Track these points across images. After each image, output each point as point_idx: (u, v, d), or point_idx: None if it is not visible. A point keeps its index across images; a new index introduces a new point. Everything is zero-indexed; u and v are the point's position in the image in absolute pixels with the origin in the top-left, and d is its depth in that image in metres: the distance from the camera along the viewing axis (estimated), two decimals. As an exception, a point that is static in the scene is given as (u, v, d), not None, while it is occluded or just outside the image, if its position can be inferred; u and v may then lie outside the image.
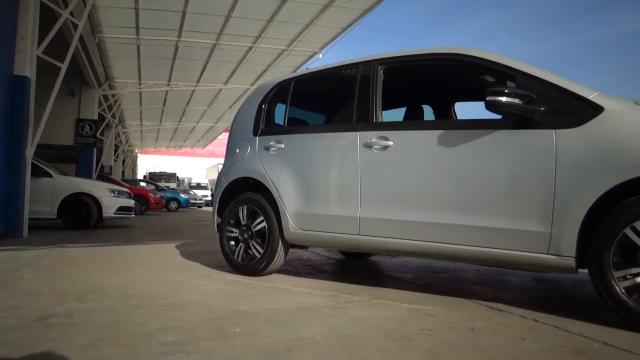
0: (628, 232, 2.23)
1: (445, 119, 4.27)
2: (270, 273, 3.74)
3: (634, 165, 2.23)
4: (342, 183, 3.31)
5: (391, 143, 3.07)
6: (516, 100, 2.53)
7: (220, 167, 4.49)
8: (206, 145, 38.42)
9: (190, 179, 36.61)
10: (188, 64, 15.34)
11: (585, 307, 2.85)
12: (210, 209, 5.83)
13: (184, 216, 15.97)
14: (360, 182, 3.18)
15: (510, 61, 2.77)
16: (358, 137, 3.23)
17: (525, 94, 2.55)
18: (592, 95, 2.46)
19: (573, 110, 2.48)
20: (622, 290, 2.24)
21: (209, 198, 28.48)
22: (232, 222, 3.89)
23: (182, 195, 22.71)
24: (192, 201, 24.97)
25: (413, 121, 3.94)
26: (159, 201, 16.73)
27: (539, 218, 2.48)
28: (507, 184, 2.62)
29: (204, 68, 15.85)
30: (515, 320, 2.44)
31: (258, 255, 3.66)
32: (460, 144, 2.80)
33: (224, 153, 4.39)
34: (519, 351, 1.96)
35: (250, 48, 13.98)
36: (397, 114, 4.34)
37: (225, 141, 4.56)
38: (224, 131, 29.26)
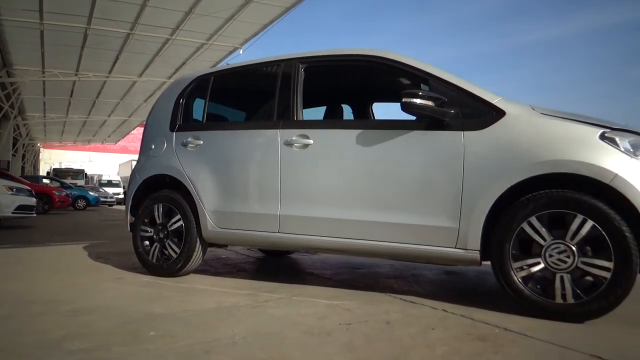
0: (525, 226, 2.45)
1: (364, 119, 4.40)
2: (187, 273, 3.63)
3: (531, 165, 2.45)
4: (262, 181, 3.30)
5: (311, 141, 3.11)
6: (429, 103, 2.67)
7: (134, 163, 4.28)
8: (118, 141, 36.45)
9: (100, 175, 34.36)
10: (99, 53, 14.44)
11: (488, 296, 3.08)
12: (122, 207, 5.53)
13: (93, 215, 15.01)
14: (280, 180, 3.18)
15: (425, 65, 2.92)
16: (279, 135, 3.23)
17: (437, 97, 2.70)
18: (495, 100, 2.67)
19: (479, 113, 2.66)
20: (519, 279, 2.45)
21: (122, 196, 26.96)
22: (146, 221, 3.73)
23: (91, 193, 21.27)
24: (102, 199, 23.46)
25: (333, 120, 4.01)
26: (64, 199, 15.55)
27: (448, 215, 2.64)
28: (419, 182, 2.76)
29: (117, 58, 15.02)
30: (427, 312, 2.58)
31: (174, 255, 3.54)
32: (377, 144, 2.90)
33: (138, 149, 4.19)
34: (429, 340, 2.08)
35: (168, 40, 13.47)
36: (317, 113, 4.39)
37: (140, 136, 4.36)
38: (138, 126, 27.96)
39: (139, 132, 26.48)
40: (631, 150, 2.36)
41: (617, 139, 2.38)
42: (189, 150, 3.63)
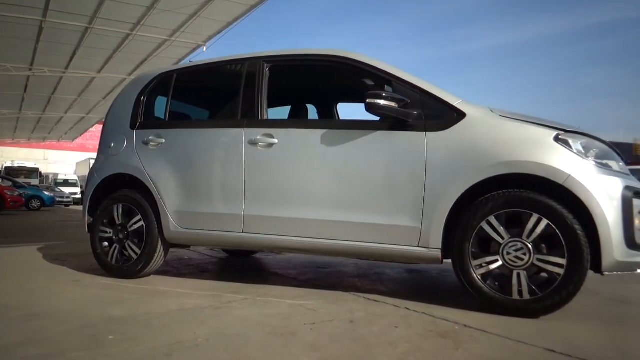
0: (484, 225, 2.52)
1: (328, 119, 4.42)
2: (148, 275, 3.55)
3: (490, 166, 2.52)
4: (226, 180, 3.26)
5: (276, 141, 3.10)
6: (393, 104, 2.71)
7: (92, 162, 4.15)
8: (76, 138, 35.21)
9: (56, 174, 33.05)
10: (55, 47, 13.89)
11: (449, 294, 3.15)
12: (79, 207, 5.35)
13: (48, 216, 14.44)
14: (244, 179, 3.15)
15: (388, 66, 2.96)
16: (243, 134, 3.20)
17: (400, 98, 2.75)
18: (456, 102, 2.73)
19: (441, 115, 2.72)
20: (479, 277, 2.53)
21: (79, 196, 26.06)
22: (105, 221, 3.62)
23: (46, 193, 20.45)
24: (58, 199, 22.59)
25: (298, 120, 4.01)
26: (17, 199, 14.90)
27: (411, 214, 2.69)
28: (383, 182, 2.79)
29: (74, 53, 14.49)
30: (390, 310, 2.62)
31: (135, 257, 3.45)
32: (342, 144, 2.92)
33: (97, 147, 4.06)
34: (392, 338, 2.11)
35: (128, 35, 13.12)
36: (282, 112, 4.38)
37: (99, 134, 4.23)
38: (97, 123, 27.08)
39: (97, 129, 25.67)
40: (583, 152, 2.47)
41: (570, 141, 2.49)
42: (151, 149, 3.55)
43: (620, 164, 2.60)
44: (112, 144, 3.78)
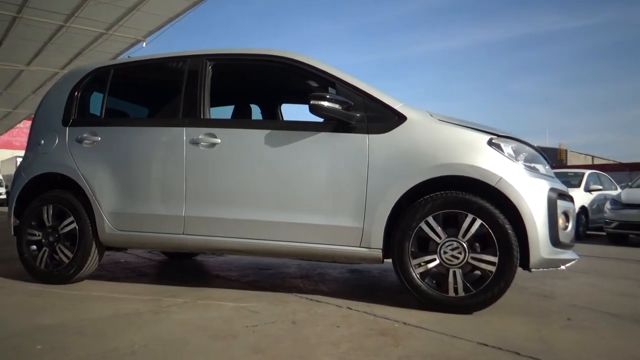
0: (423, 225, 2.61)
1: (272, 119, 4.40)
2: (81, 279, 3.38)
3: (428, 168, 2.62)
4: (166, 180, 3.17)
5: (219, 140, 3.04)
6: (336, 106, 2.75)
7: (20, 160, 3.90)
8: (1, 135, 32.89)
9: (-22, 173, 30.75)
10: (-23, 36, 12.89)
11: (389, 293, 3.23)
12: (4, 209, 5.00)
13: (-31, 218, 13.38)
14: (185, 180, 3.08)
15: (332, 69, 2.99)
16: (184, 133, 3.12)
17: (344, 101, 2.79)
18: (398, 106, 2.81)
19: (383, 118, 2.79)
20: (417, 275, 2.61)
21: (4, 196, 24.38)
22: (34, 223, 3.40)
23: (-33, 193, 19.00)
24: (-20, 200, 21.05)
25: (241, 119, 3.96)
26: None
27: (353, 215, 2.73)
28: (326, 183, 2.82)
29: (0, 44, 13.52)
30: (332, 310, 2.65)
31: (66, 261, 3.27)
32: (285, 144, 2.92)
33: (25, 144, 3.82)
34: (334, 337, 2.13)
35: (61, 27, 12.39)
36: (224, 112, 4.31)
37: (27, 130, 3.98)
38: (25, 119, 25.42)
39: (26, 125, 24.09)
40: (513, 155, 2.62)
41: (502, 145, 2.63)
42: (85, 147, 3.38)
43: (547, 167, 2.78)
44: (42, 142, 3.57)
